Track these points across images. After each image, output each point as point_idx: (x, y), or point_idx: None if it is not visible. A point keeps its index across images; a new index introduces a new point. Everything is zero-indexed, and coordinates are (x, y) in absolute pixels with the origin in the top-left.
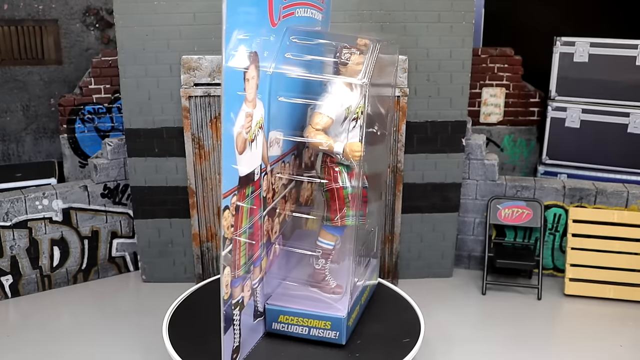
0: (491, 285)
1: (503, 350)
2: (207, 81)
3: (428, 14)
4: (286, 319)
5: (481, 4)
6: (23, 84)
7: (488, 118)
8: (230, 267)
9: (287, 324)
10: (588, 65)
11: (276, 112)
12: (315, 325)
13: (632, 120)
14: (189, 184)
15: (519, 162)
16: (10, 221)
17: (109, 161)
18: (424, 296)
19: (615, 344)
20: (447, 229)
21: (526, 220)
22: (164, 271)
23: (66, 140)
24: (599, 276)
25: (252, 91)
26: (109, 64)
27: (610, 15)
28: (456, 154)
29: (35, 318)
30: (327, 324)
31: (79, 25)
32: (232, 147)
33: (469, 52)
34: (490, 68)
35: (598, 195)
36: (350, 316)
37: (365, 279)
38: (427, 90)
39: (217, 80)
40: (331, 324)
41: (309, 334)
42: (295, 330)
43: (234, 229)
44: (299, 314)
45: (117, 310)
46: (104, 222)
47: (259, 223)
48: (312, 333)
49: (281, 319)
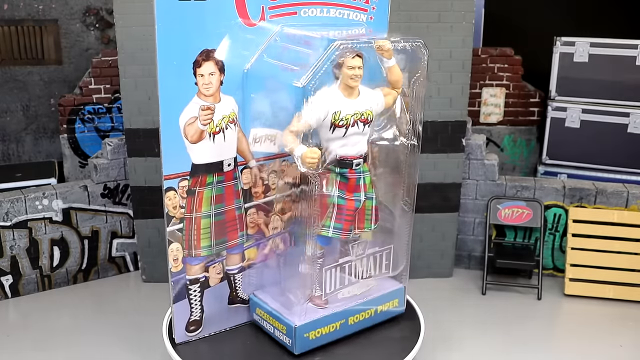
0: (491, 285)
1: (503, 350)
2: None
3: (428, 14)
4: (261, 313)
5: (481, 4)
6: (23, 84)
7: (488, 118)
8: (182, 244)
9: (261, 319)
10: (588, 65)
11: (261, 110)
12: (277, 327)
13: (632, 120)
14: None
15: (519, 162)
16: (10, 221)
17: (109, 161)
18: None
19: (615, 344)
20: (447, 229)
21: (526, 220)
22: (164, 271)
23: (66, 140)
24: (599, 276)
25: (212, 86)
26: (109, 64)
27: (610, 15)
28: (456, 154)
29: (35, 318)
30: (283, 328)
31: (79, 25)
32: (177, 135)
33: (469, 52)
34: (490, 68)
35: (598, 195)
36: (314, 328)
37: (360, 297)
38: (427, 90)
39: None
40: (286, 329)
41: (273, 333)
42: (265, 327)
43: (186, 210)
44: (268, 312)
45: (117, 310)
46: (104, 222)
47: (237, 213)
48: (275, 334)
49: (258, 311)
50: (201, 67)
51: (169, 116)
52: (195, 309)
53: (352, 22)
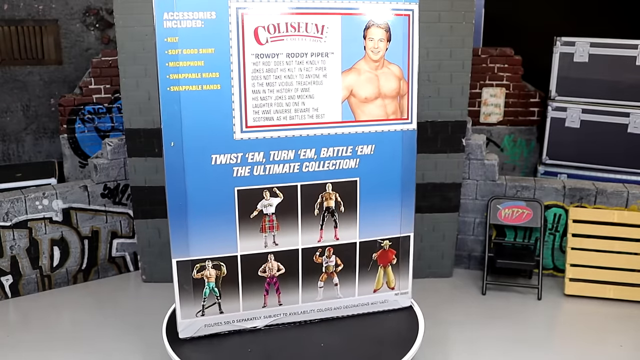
0: (491, 285)
1: (503, 350)
2: None
3: (428, 14)
4: None
5: (481, 4)
6: (23, 84)
7: (488, 118)
8: None
9: None
10: (588, 65)
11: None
12: None
13: (632, 120)
14: None
15: (519, 162)
16: (10, 221)
17: (109, 161)
18: (424, 296)
19: (615, 344)
20: (447, 229)
21: (526, 220)
22: (164, 271)
23: (66, 140)
24: (599, 276)
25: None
26: (109, 64)
27: (610, 15)
28: (456, 154)
29: (35, 318)
30: None
31: (79, 25)
32: None
33: (469, 52)
34: (490, 68)
35: (598, 195)
36: None
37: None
38: (427, 90)
39: None
40: None
41: None
42: None
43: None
44: None
45: (117, 310)
46: (104, 222)
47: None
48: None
49: None
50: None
51: None
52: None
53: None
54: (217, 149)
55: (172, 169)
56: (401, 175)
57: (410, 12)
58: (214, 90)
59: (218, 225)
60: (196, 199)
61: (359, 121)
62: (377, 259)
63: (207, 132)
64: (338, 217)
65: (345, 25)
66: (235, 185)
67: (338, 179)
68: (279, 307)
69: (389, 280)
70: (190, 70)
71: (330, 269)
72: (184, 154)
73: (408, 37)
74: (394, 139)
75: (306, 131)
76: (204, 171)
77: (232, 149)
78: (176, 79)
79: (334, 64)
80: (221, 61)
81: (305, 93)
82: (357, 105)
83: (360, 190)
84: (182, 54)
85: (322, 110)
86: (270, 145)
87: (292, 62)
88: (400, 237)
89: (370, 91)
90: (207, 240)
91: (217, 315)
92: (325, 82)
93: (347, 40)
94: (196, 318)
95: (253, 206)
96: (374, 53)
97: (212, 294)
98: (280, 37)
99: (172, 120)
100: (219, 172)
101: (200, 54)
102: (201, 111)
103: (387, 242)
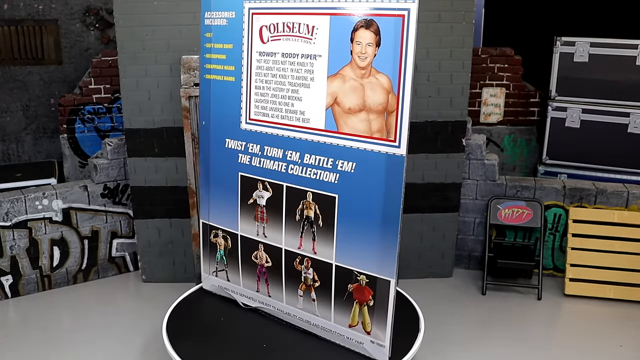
0: (491, 285)
1: (503, 351)
2: None
3: (428, 14)
4: None
5: (481, 4)
6: (23, 84)
7: (488, 118)
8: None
9: None
10: (588, 65)
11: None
12: None
13: (632, 120)
14: (189, 184)
15: (519, 162)
16: (10, 221)
17: (109, 161)
18: (424, 296)
19: (615, 344)
20: (447, 229)
21: (526, 220)
22: (164, 271)
23: (66, 140)
24: (599, 276)
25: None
26: (109, 64)
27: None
28: (456, 154)
29: (35, 318)
30: None
31: (79, 25)
32: None
33: (469, 52)
34: (490, 68)
35: (598, 195)
36: None
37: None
38: (427, 90)
39: None
40: None
41: None
42: None
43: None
44: None
45: (117, 310)
46: (104, 222)
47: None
48: None
49: None
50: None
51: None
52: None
53: None
54: (229, 134)
55: (204, 144)
56: (383, 206)
57: (405, 13)
58: (230, 82)
59: (227, 201)
60: (216, 173)
61: (341, 133)
62: (352, 291)
63: (224, 118)
64: (316, 231)
65: (334, 27)
66: (239, 170)
67: (318, 190)
68: (269, 297)
69: (364, 321)
70: (217, 62)
71: (308, 281)
72: (210, 133)
73: (401, 42)
74: (378, 161)
75: (293, 133)
76: (220, 151)
77: (239, 136)
78: (209, 69)
79: (321, 67)
80: (236, 56)
81: (295, 95)
82: (340, 115)
83: (339, 209)
84: (214, 48)
85: (308, 114)
86: (264, 140)
87: (285, 62)
88: (378, 278)
89: (354, 102)
90: (220, 211)
91: (226, 281)
92: (312, 86)
93: (335, 43)
94: (211, 276)
95: (250, 193)
96: (360, 59)
97: (222, 261)
98: (278, 36)
99: (205, 103)
100: (229, 155)
101: (224, 49)
102: (222, 99)
103: (364, 278)
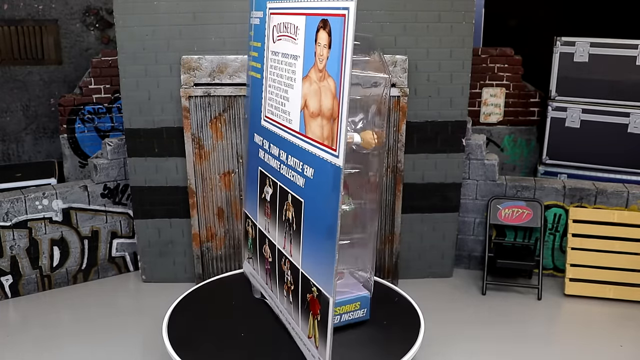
0: (491, 285)
1: (503, 351)
2: (207, 81)
3: (428, 14)
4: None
5: (481, 4)
6: (23, 84)
7: (488, 118)
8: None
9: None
10: (588, 65)
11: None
12: None
13: (632, 120)
14: (189, 184)
15: (519, 162)
16: (10, 221)
17: (109, 161)
18: (424, 296)
19: (615, 344)
20: (447, 229)
21: (526, 220)
22: (164, 271)
23: (66, 140)
24: (599, 276)
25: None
26: (109, 64)
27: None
28: (456, 154)
29: (35, 318)
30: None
31: (79, 25)
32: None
33: (469, 52)
34: (490, 68)
35: (598, 195)
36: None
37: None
38: (427, 90)
39: (216, 80)
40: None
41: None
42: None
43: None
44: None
45: (117, 310)
46: (104, 222)
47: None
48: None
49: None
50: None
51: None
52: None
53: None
54: (256, 129)
55: (247, 136)
56: (325, 219)
57: (345, 13)
58: (258, 79)
59: (253, 193)
60: (248, 165)
61: (306, 137)
62: (309, 301)
63: (254, 113)
64: (292, 234)
65: (308, 27)
66: (259, 164)
67: (293, 192)
68: (272, 292)
69: (315, 335)
70: (253, 59)
71: (288, 282)
72: (249, 125)
73: (342, 44)
74: (327, 170)
75: (283, 133)
76: (251, 145)
77: (260, 132)
78: (251, 66)
79: (299, 69)
80: (262, 54)
81: (285, 95)
82: (307, 118)
83: (304, 214)
84: (252, 46)
85: (292, 115)
86: (270, 137)
87: (283, 62)
88: (322, 294)
89: (315, 106)
90: (250, 202)
91: (252, 269)
92: (295, 87)
93: (307, 44)
94: (246, 262)
95: (262, 189)
96: (319, 61)
97: (250, 249)
98: (280, 36)
99: (247, 97)
100: (255, 149)
101: (256, 47)
102: (253, 94)
103: (315, 290)
